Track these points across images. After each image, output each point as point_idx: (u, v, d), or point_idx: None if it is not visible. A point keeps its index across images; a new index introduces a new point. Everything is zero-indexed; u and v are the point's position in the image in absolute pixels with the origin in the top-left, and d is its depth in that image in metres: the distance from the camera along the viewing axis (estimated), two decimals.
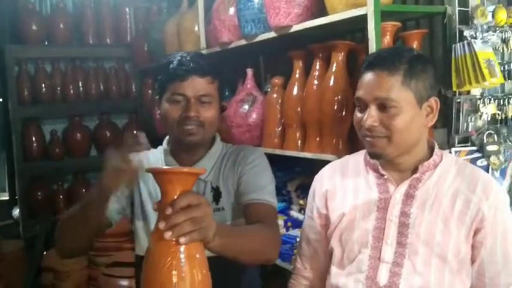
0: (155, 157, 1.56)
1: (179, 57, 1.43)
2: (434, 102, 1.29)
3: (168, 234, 0.95)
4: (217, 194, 1.50)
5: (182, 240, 0.95)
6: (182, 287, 0.96)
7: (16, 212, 4.03)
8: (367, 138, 1.29)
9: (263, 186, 1.45)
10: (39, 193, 3.96)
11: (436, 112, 1.30)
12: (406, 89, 1.24)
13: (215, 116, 1.47)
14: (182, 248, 0.96)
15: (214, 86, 1.46)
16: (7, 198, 4.27)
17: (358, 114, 1.32)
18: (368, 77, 1.28)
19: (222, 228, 1.11)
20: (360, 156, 1.44)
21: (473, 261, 1.29)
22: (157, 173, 1.00)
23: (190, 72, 1.40)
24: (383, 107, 1.25)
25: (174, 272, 0.96)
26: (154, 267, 0.97)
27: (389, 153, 1.28)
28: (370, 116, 1.26)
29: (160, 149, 1.59)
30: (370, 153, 1.33)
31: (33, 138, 3.93)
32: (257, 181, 1.46)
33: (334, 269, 1.38)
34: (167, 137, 1.57)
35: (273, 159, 2.54)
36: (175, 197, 0.97)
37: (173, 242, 0.96)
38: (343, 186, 1.41)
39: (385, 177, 1.34)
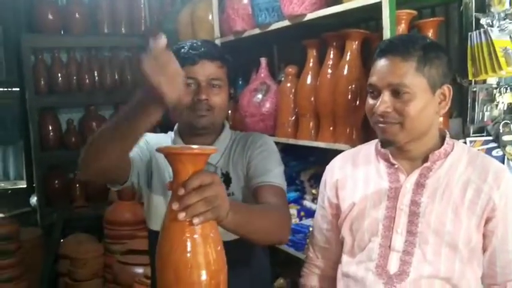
0: (165, 142, 1.57)
1: (190, 43, 1.47)
2: (447, 89, 1.29)
3: (181, 215, 0.95)
4: (227, 180, 1.51)
5: (196, 221, 0.95)
6: (197, 267, 0.96)
7: (34, 200, 4.11)
8: (380, 125, 1.29)
9: (271, 169, 1.46)
10: (56, 182, 4.03)
11: (448, 100, 1.30)
12: (420, 75, 1.24)
13: (225, 101, 1.50)
14: (196, 228, 0.97)
15: (224, 71, 1.49)
16: (25, 186, 4.35)
17: (370, 101, 1.31)
18: (381, 63, 1.28)
19: (235, 205, 1.11)
20: (371, 146, 1.44)
21: (484, 250, 1.29)
22: (168, 154, 0.99)
23: (201, 56, 1.44)
24: (396, 93, 1.25)
25: (188, 253, 0.96)
26: (169, 247, 0.97)
27: (401, 139, 1.28)
28: (383, 102, 1.26)
29: (171, 134, 1.61)
30: (382, 140, 1.33)
31: (50, 128, 3.98)
32: (265, 165, 1.47)
33: (345, 258, 1.39)
34: (177, 124, 1.59)
35: (287, 149, 2.56)
36: (187, 177, 0.97)
37: (187, 222, 0.96)
38: (354, 176, 1.41)
39: (396, 166, 1.33)
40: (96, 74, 4.09)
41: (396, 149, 1.33)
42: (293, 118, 2.25)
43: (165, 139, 1.59)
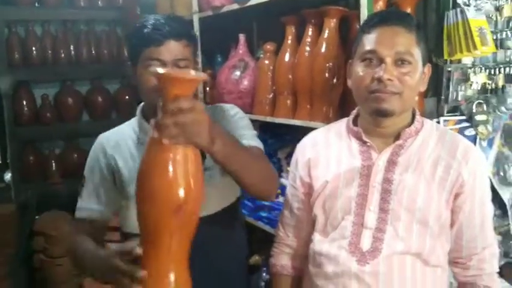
0: (126, 134, 1.55)
1: (153, 21, 1.39)
2: (428, 68, 1.33)
3: (155, 133, 0.98)
4: (203, 154, 1.49)
5: (165, 141, 0.97)
6: (175, 191, 0.98)
7: (8, 176, 4.03)
8: (378, 94, 1.26)
9: (245, 134, 1.46)
10: (31, 157, 3.95)
11: (427, 79, 1.33)
12: (418, 48, 1.27)
13: None
14: (173, 151, 0.99)
15: (190, 50, 1.42)
16: None
17: (363, 71, 1.28)
18: (383, 30, 1.27)
19: (225, 137, 1.12)
20: (342, 124, 1.44)
21: (452, 225, 1.31)
22: (158, 77, 1.01)
23: (166, 37, 1.36)
24: (399, 62, 1.25)
25: (163, 174, 0.98)
26: (145, 168, 1.01)
27: (397, 109, 1.28)
28: (388, 70, 1.24)
29: (133, 120, 1.57)
30: (376, 111, 1.29)
31: (24, 102, 3.89)
32: (240, 131, 1.45)
33: (317, 236, 1.39)
34: (141, 104, 1.54)
35: (264, 127, 2.55)
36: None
37: (166, 146, 0.98)
38: (326, 155, 1.41)
39: (368, 144, 1.34)
40: (72, 48, 3.99)
41: (370, 125, 1.34)
42: (271, 96, 2.25)
43: (125, 131, 1.56)
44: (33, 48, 3.87)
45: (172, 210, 0.99)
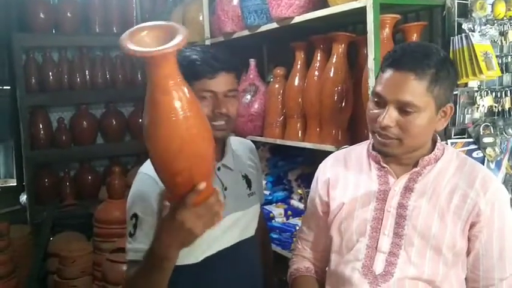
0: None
1: (202, 54, 1.41)
2: (449, 108, 1.29)
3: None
4: (248, 180, 1.56)
5: None
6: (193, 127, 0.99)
7: (23, 198, 4.11)
8: (379, 137, 1.28)
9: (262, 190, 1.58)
10: (46, 180, 4.04)
11: (448, 117, 1.29)
12: (429, 95, 1.22)
13: (238, 109, 1.49)
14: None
15: (237, 80, 1.47)
16: (15, 184, 4.35)
17: (373, 108, 1.29)
18: (393, 75, 1.24)
19: None
20: (363, 147, 1.46)
21: (468, 253, 1.30)
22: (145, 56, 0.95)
23: (219, 70, 1.40)
24: (403, 109, 1.24)
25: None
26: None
27: (398, 153, 1.29)
28: (389, 116, 1.24)
29: None
30: (378, 150, 1.33)
31: (41, 126, 3.99)
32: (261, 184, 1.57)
33: (333, 257, 1.41)
34: None
35: (275, 149, 2.59)
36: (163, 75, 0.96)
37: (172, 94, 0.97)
38: (345, 176, 1.43)
39: (386, 169, 1.35)
40: (87, 73, 4.11)
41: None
42: (281, 119, 2.29)
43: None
44: (50, 74, 3.99)
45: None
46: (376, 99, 1.28)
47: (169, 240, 1.11)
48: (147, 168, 1.38)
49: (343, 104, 1.90)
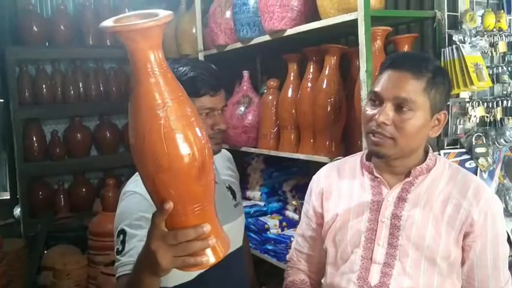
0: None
1: (199, 71, 1.41)
2: (443, 116, 1.31)
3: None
4: (232, 191, 1.60)
5: None
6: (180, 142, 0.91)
7: (17, 211, 4.08)
8: (373, 137, 1.28)
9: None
10: (40, 192, 4.01)
11: (442, 125, 1.31)
12: (425, 96, 1.24)
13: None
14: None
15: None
16: (8, 197, 4.32)
17: (369, 109, 1.31)
18: (391, 74, 1.27)
19: None
20: (357, 158, 1.46)
21: (462, 263, 1.31)
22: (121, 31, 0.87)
23: (221, 88, 1.43)
24: (399, 107, 1.25)
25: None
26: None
27: (391, 154, 1.29)
28: (385, 113, 1.25)
29: None
30: (371, 151, 1.33)
31: (34, 139, 3.97)
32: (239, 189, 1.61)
33: (329, 269, 1.41)
34: None
35: (270, 160, 2.60)
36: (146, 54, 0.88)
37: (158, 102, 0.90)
38: (339, 187, 1.44)
39: (379, 179, 1.36)
40: (81, 86, 4.10)
41: (381, 163, 1.35)
42: (275, 130, 2.30)
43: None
44: (44, 86, 3.98)
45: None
46: (372, 98, 1.30)
47: (141, 262, 1.02)
48: (131, 186, 1.37)
49: (337, 115, 1.91)
